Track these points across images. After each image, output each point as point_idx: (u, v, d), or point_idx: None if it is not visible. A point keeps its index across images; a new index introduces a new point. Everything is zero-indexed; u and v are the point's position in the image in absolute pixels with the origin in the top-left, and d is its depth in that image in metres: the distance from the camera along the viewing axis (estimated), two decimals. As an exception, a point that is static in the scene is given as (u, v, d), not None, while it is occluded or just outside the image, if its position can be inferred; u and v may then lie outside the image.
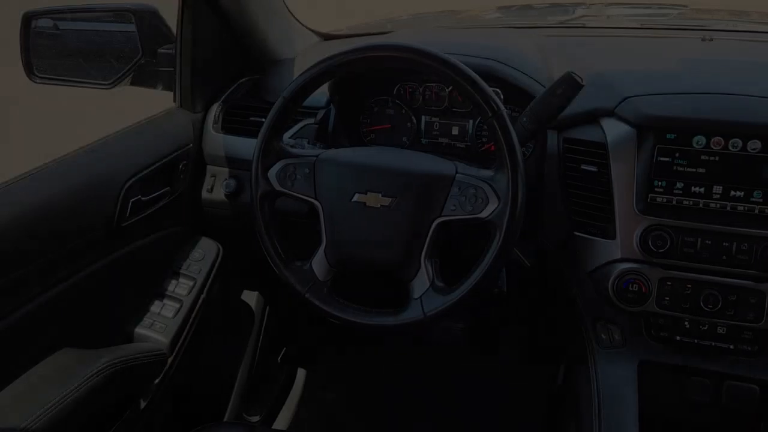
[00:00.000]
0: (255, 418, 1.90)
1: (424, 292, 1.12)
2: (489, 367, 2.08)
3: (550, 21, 2.01)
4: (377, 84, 1.52)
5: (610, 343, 1.29)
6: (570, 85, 1.12)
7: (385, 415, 2.00)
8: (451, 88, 1.45)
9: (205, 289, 1.53)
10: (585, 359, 1.29)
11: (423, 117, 1.51)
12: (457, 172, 1.12)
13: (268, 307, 1.90)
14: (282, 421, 2.00)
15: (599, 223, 1.26)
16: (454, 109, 1.48)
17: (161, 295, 1.49)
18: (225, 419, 1.74)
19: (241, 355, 1.81)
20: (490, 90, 1.08)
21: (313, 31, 1.87)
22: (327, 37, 1.90)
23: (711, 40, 1.54)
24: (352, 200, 1.15)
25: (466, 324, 2.03)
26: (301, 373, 2.15)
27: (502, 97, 1.41)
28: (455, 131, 1.50)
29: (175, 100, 1.58)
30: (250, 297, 1.87)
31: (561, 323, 1.47)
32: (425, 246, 1.12)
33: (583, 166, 1.25)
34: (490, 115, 1.07)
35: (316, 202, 1.18)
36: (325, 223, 1.17)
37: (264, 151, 1.20)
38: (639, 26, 1.85)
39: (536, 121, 1.15)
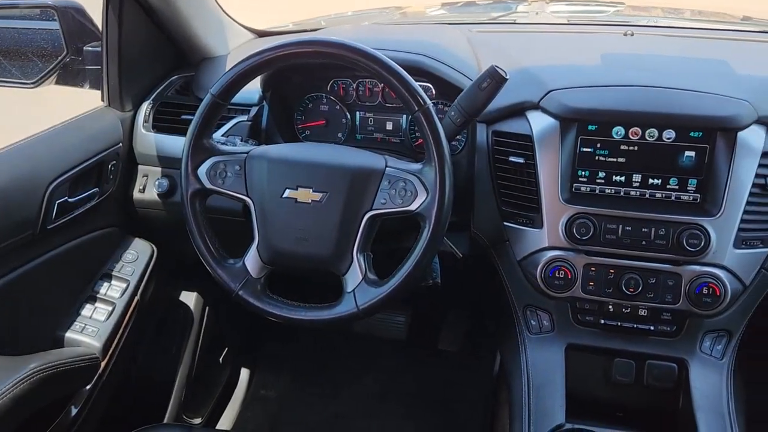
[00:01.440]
0: (197, 420, 1.88)
1: (357, 285, 1.13)
2: (430, 359, 2.11)
3: (487, 17, 2.05)
4: (311, 80, 1.52)
5: (539, 329, 1.33)
6: (494, 79, 1.14)
7: (327, 412, 2.01)
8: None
9: (139, 291, 1.51)
10: (517, 346, 1.33)
11: (357, 113, 1.52)
12: (386, 166, 1.14)
13: (207, 308, 1.88)
14: (225, 421, 1.99)
15: (527, 213, 1.29)
16: (388, 105, 1.50)
17: (93, 299, 1.45)
18: (165, 422, 1.72)
19: (180, 356, 1.78)
20: (416, 84, 1.10)
21: (247, 27, 1.86)
22: (262, 34, 1.89)
23: (632, 35, 1.60)
24: (283, 196, 1.15)
25: (407, 317, 2.05)
26: (244, 373, 2.13)
27: (433, 92, 1.43)
28: (389, 126, 1.51)
29: (103, 99, 1.55)
30: (189, 297, 1.84)
31: (494, 312, 1.51)
32: (357, 240, 1.14)
33: (511, 158, 1.29)
34: (416, 109, 1.09)
35: (247, 199, 1.18)
36: (257, 220, 1.17)
37: (193, 149, 1.18)
38: (566, 22, 1.91)
39: (463, 115, 1.18)
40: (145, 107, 1.57)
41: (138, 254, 1.55)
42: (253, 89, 1.47)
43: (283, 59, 1.13)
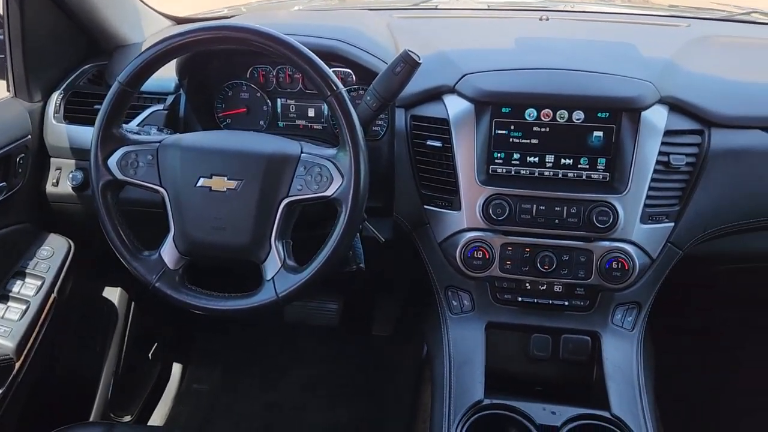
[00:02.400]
0: (127, 418, 1.84)
1: (276, 273, 1.13)
2: (363, 344, 2.12)
3: (410, 2, 2.06)
4: (230, 67, 1.50)
5: (460, 310, 1.36)
6: (408, 63, 1.15)
7: (261, 402, 2.00)
8: None
9: (56, 288, 1.46)
10: (439, 327, 1.35)
11: (278, 100, 1.51)
12: (302, 152, 1.13)
13: (133, 303, 1.84)
14: (157, 417, 1.95)
15: (446, 196, 1.32)
16: (308, 91, 1.49)
17: (4, 298, 1.40)
18: (90, 420, 1.67)
19: (105, 353, 1.74)
20: (327, 69, 1.10)
21: (165, 15, 1.81)
22: (180, 21, 1.84)
23: (548, 20, 1.64)
24: (197, 185, 1.13)
25: (339, 304, 2.06)
26: (176, 368, 2.10)
27: (354, 78, 1.44)
28: (311, 113, 1.50)
29: (8, 89, 1.48)
30: (113, 293, 1.79)
31: (418, 295, 1.53)
32: (274, 227, 1.13)
33: (429, 142, 1.30)
34: (328, 94, 1.09)
35: (161, 189, 1.16)
36: (172, 211, 1.15)
37: (102, 139, 1.15)
38: (486, 7, 1.93)
39: (379, 100, 1.18)
40: (56, 97, 1.51)
41: (53, 250, 1.49)
42: (168, 77, 1.44)
43: (191, 45, 1.11)
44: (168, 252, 1.16)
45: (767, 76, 1.38)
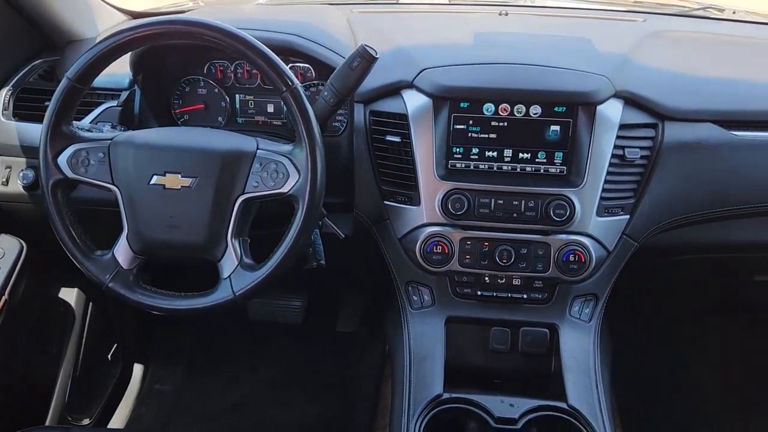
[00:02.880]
0: (86, 421, 1.81)
1: (233, 271, 1.12)
2: (328, 341, 2.12)
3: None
4: (186, 63, 1.47)
5: (421, 305, 1.36)
6: (364, 58, 1.15)
7: (226, 402, 1.98)
8: None
9: (8, 290, 1.42)
10: (400, 322, 1.35)
11: (237, 95, 1.49)
12: (258, 148, 1.12)
13: (91, 303, 1.80)
14: (117, 420, 1.92)
15: (406, 191, 1.31)
16: (267, 87, 1.47)
17: (-47, 301, 1.36)
18: (47, 424, 1.64)
19: (61, 355, 1.70)
20: (282, 64, 1.08)
21: (120, 9, 1.77)
22: (137, 15, 1.81)
23: (507, 14, 1.65)
24: (151, 183, 1.11)
25: (303, 301, 2.05)
26: (137, 369, 2.07)
27: (313, 73, 1.42)
28: (270, 109, 1.49)
29: (-47, 86, 1.44)
30: (69, 294, 1.75)
31: (383, 290, 1.53)
32: (230, 225, 1.12)
33: (388, 137, 1.30)
34: (283, 89, 1.08)
35: (113, 188, 1.13)
36: (125, 209, 1.13)
37: (51, 137, 1.12)
38: (447, 2, 1.94)
39: (336, 95, 1.18)
40: (4, 94, 1.47)
41: (4, 251, 1.45)
42: (122, 72, 1.41)
43: (141, 40, 1.09)
44: (121, 251, 1.14)
45: (718, 71, 1.40)
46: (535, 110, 1.25)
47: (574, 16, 1.76)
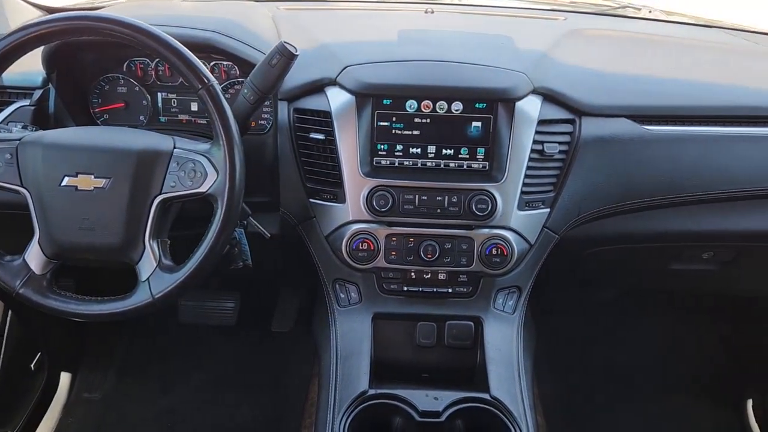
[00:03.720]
0: (7, 433, 1.73)
1: (152, 273, 1.09)
2: (263, 342, 2.09)
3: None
4: (104, 60, 1.43)
5: (348, 302, 1.37)
6: (284, 55, 1.14)
7: (158, 408, 1.94)
8: None
9: None
10: (327, 320, 1.35)
11: (159, 94, 1.45)
12: (174, 147, 1.10)
13: (10, 311, 1.73)
14: (43, 431, 1.85)
15: (331, 189, 1.31)
16: None
17: None
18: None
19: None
20: (197, 61, 1.07)
21: (34, 4, 1.71)
22: (52, 11, 1.74)
23: (433, 12, 1.67)
24: (62, 185, 1.07)
25: (236, 303, 2.02)
26: (64, 377, 1.99)
27: (237, 71, 1.40)
28: (194, 107, 1.46)
29: None
30: (-16, 303, 1.68)
31: (308, 289, 1.53)
32: (148, 226, 1.09)
33: (312, 135, 1.29)
34: (199, 87, 1.06)
35: (22, 190, 1.09)
36: (36, 212, 1.09)
37: None
38: (375, 0, 1.94)
39: (256, 93, 1.16)
40: None
41: None
42: (35, 70, 1.36)
43: (48, 37, 1.05)
44: (33, 256, 1.10)
45: (633, 68, 1.46)
46: (457, 107, 1.27)
47: (497, 15, 1.79)
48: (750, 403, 2.03)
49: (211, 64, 1.40)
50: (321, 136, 1.29)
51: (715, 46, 1.65)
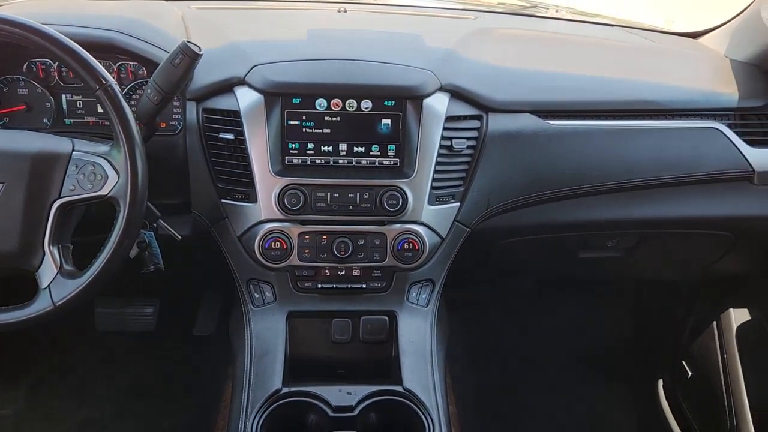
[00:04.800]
0: None
1: (53, 280, 1.06)
2: (184, 346, 2.05)
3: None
4: (2, 61, 1.37)
5: (263, 302, 1.36)
6: (187, 54, 1.13)
7: (75, 419, 1.87)
8: None
9: None
10: (242, 321, 1.35)
11: (63, 95, 1.40)
12: (73, 150, 1.07)
13: None
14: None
15: (243, 188, 1.31)
16: None
17: None
18: None
19: None
20: (93, 61, 1.04)
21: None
22: (-54, 10, 1.65)
23: (345, 11, 1.68)
24: None
25: (155, 308, 1.98)
26: None
27: (145, 71, 1.37)
28: (101, 109, 1.42)
29: None
30: None
31: (224, 290, 1.51)
32: (48, 231, 1.06)
33: (222, 135, 1.28)
34: (96, 87, 1.04)
35: None
36: None
37: None
38: (289, -1, 1.94)
39: (160, 93, 1.15)
40: None
41: None
42: None
43: None
44: None
45: (537, 65, 1.51)
46: (366, 105, 1.29)
47: (410, 14, 1.82)
48: (661, 383, 2.14)
49: (117, 64, 1.36)
50: (230, 136, 1.28)
51: (616, 44, 1.73)
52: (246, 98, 1.28)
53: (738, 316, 1.81)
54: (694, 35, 1.84)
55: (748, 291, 1.80)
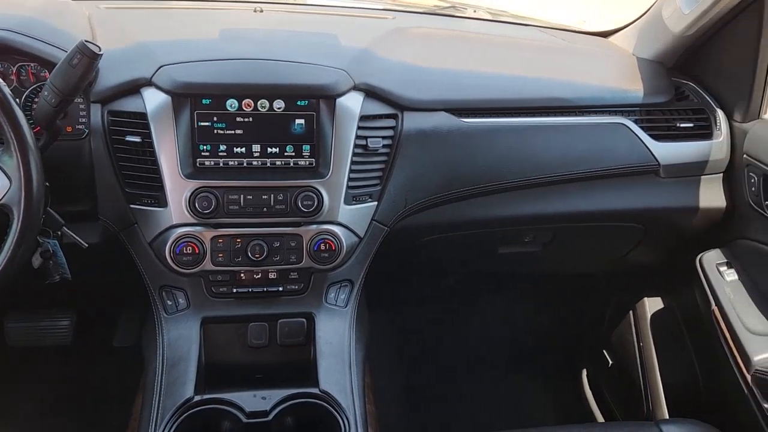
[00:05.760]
0: None
1: None
2: (104, 359, 1.98)
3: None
4: None
5: (176, 309, 1.32)
6: (85, 54, 1.08)
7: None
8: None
9: None
10: (154, 329, 1.31)
11: None
12: None
13: None
14: None
15: (152, 192, 1.27)
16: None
17: None
18: None
19: None
20: None
21: None
22: None
23: (262, 11, 1.65)
24: None
25: (71, 320, 1.89)
26: None
27: (47, 74, 1.31)
28: None
29: None
30: None
31: (134, 298, 1.46)
32: None
33: (128, 138, 1.24)
34: None
35: None
36: None
37: None
38: (205, -1, 1.89)
39: (58, 95, 1.10)
40: None
41: None
42: None
43: None
44: None
45: (452, 64, 1.53)
46: (279, 105, 1.27)
47: (327, 14, 1.81)
48: (584, 372, 2.21)
49: (17, 66, 1.30)
50: (138, 139, 1.24)
51: (529, 44, 1.77)
52: (153, 100, 1.24)
53: (652, 304, 1.88)
54: (605, 34, 1.90)
55: (659, 280, 1.88)
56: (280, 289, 1.33)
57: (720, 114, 1.56)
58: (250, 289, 1.31)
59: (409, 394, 1.99)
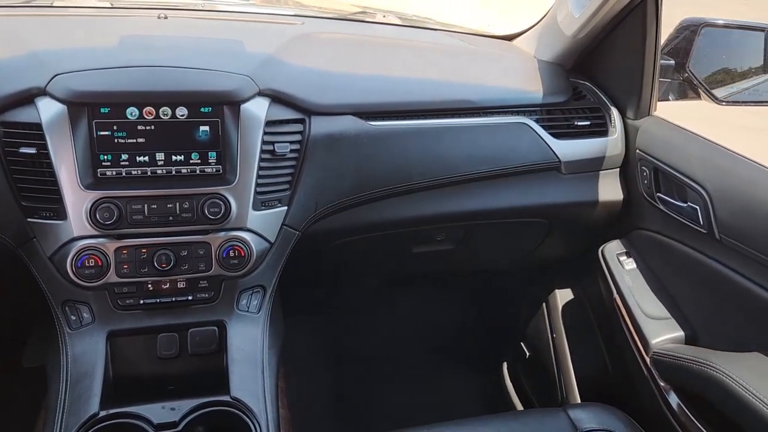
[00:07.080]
0: None
1: None
2: (13, 378, 1.89)
3: (22, 0, 1.86)
4: None
5: (80, 324, 1.29)
6: None
7: None
8: None
9: None
10: (58, 346, 1.26)
11: None
12: None
13: None
14: None
15: (50, 205, 1.23)
16: None
17: None
18: None
19: None
20: None
21: None
22: None
23: (166, 18, 1.63)
24: None
25: None
26: None
27: None
28: None
29: None
30: None
31: (35, 315, 1.41)
32: None
33: (22, 150, 1.20)
34: None
35: None
36: None
37: None
38: (110, 6, 1.85)
39: None
40: None
41: None
42: None
43: None
44: None
45: (359, 68, 1.55)
46: (182, 112, 1.26)
47: (234, 20, 1.80)
48: (505, 365, 2.27)
49: None
50: (33, 150, 1.20)
51: (436, 48, 1.81)
52: (48, 110, 1.21)
53: (562, 296, 1.96)
54: (510, 38, 1.97)
55: (568, 272, 1.96)
56: (190, 298, 1.31)
57: (614, 112, 1.65)
58: (158, 300, 1.29)
59: (332, 396, 1.99)
